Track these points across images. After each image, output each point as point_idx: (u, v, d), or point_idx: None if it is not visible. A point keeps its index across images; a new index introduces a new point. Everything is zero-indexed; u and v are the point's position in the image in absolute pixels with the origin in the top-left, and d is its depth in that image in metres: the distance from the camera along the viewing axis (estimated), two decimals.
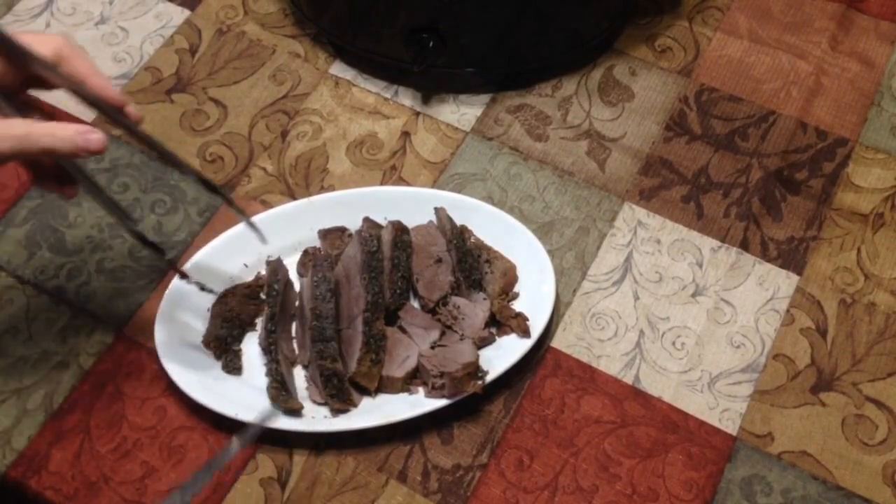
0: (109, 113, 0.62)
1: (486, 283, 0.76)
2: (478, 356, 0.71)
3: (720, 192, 0.84)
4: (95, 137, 0.57)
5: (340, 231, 0.79)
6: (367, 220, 0.79)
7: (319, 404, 0.71)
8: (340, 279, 0.75)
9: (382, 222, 0.79)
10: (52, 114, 0.59)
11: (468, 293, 0.75)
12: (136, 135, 0.65)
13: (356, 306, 0.73)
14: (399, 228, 0.77)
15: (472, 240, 0.79)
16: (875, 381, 0.74)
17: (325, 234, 0.79)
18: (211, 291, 0.74)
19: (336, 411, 0.70)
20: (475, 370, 0.70)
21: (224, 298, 0.76)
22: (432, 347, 0.72)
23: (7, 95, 0.59)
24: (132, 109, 0.63)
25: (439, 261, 0.76)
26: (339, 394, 0.69)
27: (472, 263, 0.76)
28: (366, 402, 0.71)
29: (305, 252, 0.79)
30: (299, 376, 0.73)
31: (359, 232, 0.77)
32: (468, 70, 0.90)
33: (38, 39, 0.60)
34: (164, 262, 0.77)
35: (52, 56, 0.60)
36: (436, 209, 0.79)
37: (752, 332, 0.77)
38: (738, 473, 0.70)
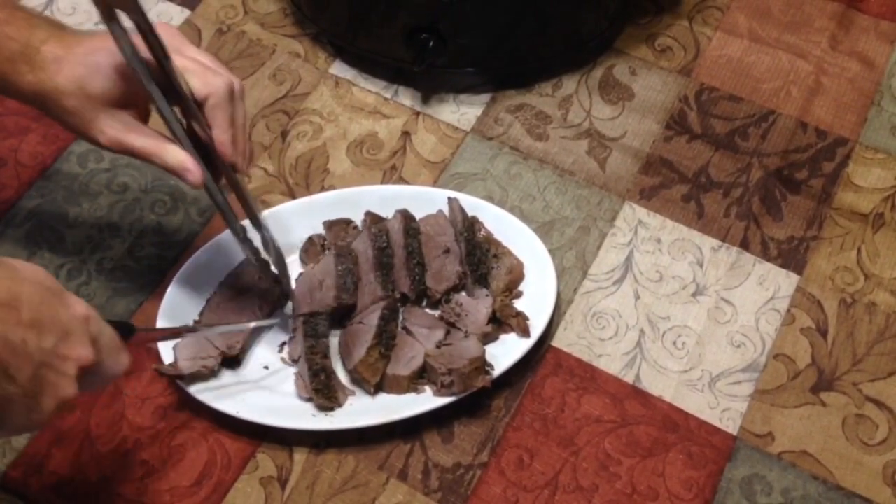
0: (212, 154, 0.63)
1: (492, 278, 0.76)
2: (484, 351, 0.71)
3: (720, 192, 0.84)
4: (191, 178, 0.61)
5: (345, 223, 0.80)
6: (369, 213, 0.79)
7: (305, 400, 0.71)
8: None
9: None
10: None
11: (472, 288, 0.75)
12: (230, 180, 0.66)
13: (366, 301, 0.73)
14: (407, 217, 0.77)
15: (482, 233, 0.78)
16: (875, 381, 0.74)
17: (330, 225, 0.79)
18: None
19: (321, 408, 0.70)
20: (482, 365, 0.70)
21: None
22: (438, 347, 0.72)
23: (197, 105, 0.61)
24: (242, 168, 0.64)
25: (447, 251, 0.76)
26: (324, 389, 0.69)
27: (480, 257, 0.76)
28: (367, 401, 0.71)
29: (310, 239, 0.79)
30: (291, 375, 0.73)
31: (367, 227, 0.77)
32: (468, 70, 0.90)
33: (210, 75, 0.61)
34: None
35: (202, 97, 0.61)
36: (449, 199, 0.79)
37: (752, 331, 0.76)
38: (738, 473, 0.70)
